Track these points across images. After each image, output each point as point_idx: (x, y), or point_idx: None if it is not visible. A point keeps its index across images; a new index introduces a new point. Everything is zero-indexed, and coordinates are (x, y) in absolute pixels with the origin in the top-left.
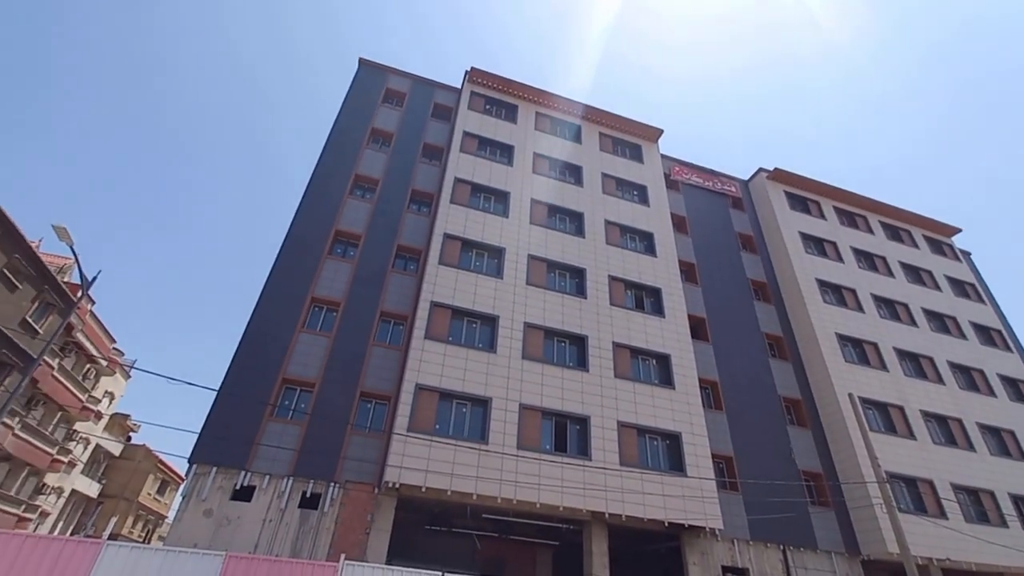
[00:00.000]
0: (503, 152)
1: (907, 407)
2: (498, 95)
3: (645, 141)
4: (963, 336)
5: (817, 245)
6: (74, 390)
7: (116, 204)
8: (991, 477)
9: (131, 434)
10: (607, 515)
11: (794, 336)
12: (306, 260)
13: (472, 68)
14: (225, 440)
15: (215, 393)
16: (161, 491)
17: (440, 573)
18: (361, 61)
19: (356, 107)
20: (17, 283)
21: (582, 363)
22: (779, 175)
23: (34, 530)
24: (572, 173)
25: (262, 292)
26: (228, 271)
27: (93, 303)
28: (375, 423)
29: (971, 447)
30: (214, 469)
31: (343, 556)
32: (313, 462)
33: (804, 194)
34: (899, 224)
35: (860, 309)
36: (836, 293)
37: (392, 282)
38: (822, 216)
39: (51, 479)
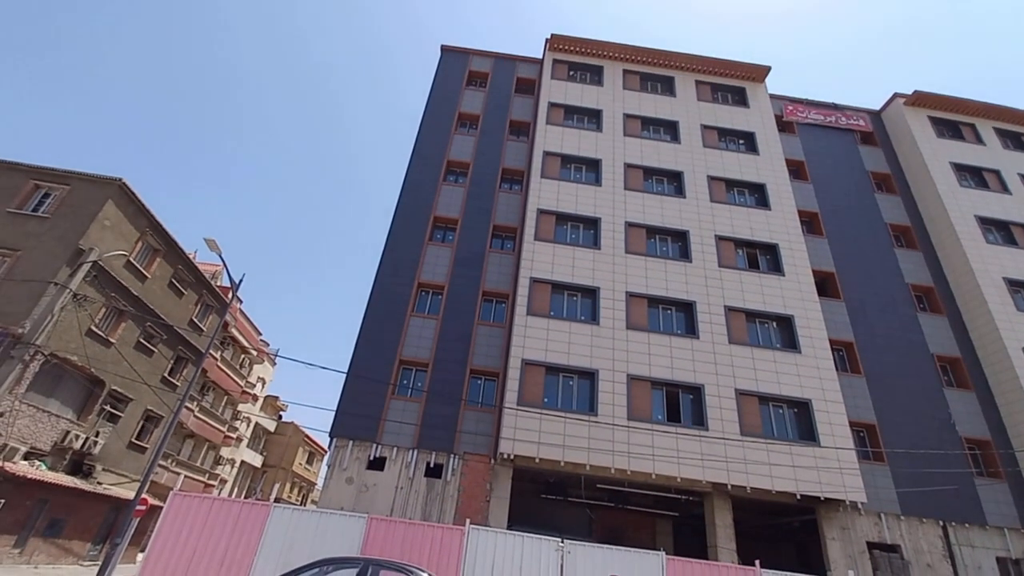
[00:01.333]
0: (591, 118)
1: None
2: (581, 59)
3: (750, 82)
4: None
5: (975, 176)
6: (234, 377)
7: (232, 207)
8: None
9: (281, 413)
10: (729, 487)
11: (948, 285)
12: (410, 248)
13: (552, 35)
14: (358, 417)
15: (345, 375)
16: (310, 461)
17: (559, 539)
18: (443, 48)
19: (442, 94)
20: (183, 290)
21: (691, 330)
22: (920, 98)
23: (217, 494)
24: (667, 130)
25: (375, 282)
26: (350, 263)
27: (241, 302)
28: (486, 398)
29: None
30: (351, 442)
31: (468, 521)
32: (433, 435)
33: (955, 118)
34: None
35: None
36: (1003, 231)
37: (491, 262)
38: (979, 141)
39: (225, 452)
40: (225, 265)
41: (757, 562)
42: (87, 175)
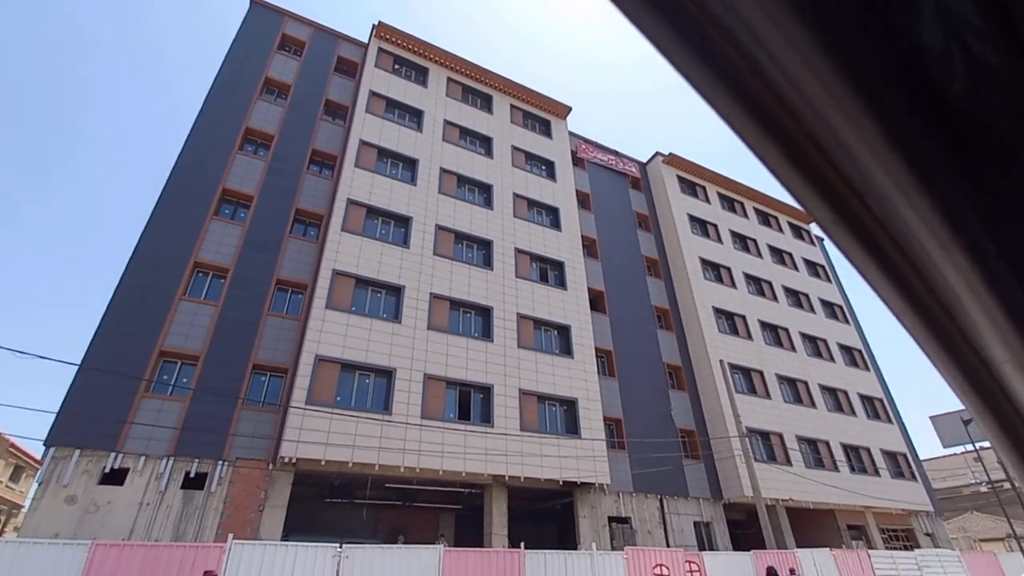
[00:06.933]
0: (412, 116)
1: (765, 371)
2: (408, 55)
3: (555, 117)
4: (812, 310)
5: (701, 226)
6: None
7: None
8: (828, 430)
9: None
10: (507, 478)
11: (679, 308)
12: (187, 220)
13: (380, 23)
14: (89, 420)
15: (76, 368)
16: (15, 478)
17: (338, 544)
18: (252, 1)
19: (246, 52)
20: None
21: (487, 334)
22: (673, 160)
23: None
24: (482, 143)
25: (133, 254)
26: (94, 229)
27: None
28: (270, 397)
29: (813, 404)
30: (77, 452)
31: (231, 536)
32: (198, 440)
33: (693, 179)
34: (769, 211)
35: (733, 285)
36: (715, 271)
37: (290, 248)
38: (707, 200)
39: None
40: None
41: (522, 544)
42: None
